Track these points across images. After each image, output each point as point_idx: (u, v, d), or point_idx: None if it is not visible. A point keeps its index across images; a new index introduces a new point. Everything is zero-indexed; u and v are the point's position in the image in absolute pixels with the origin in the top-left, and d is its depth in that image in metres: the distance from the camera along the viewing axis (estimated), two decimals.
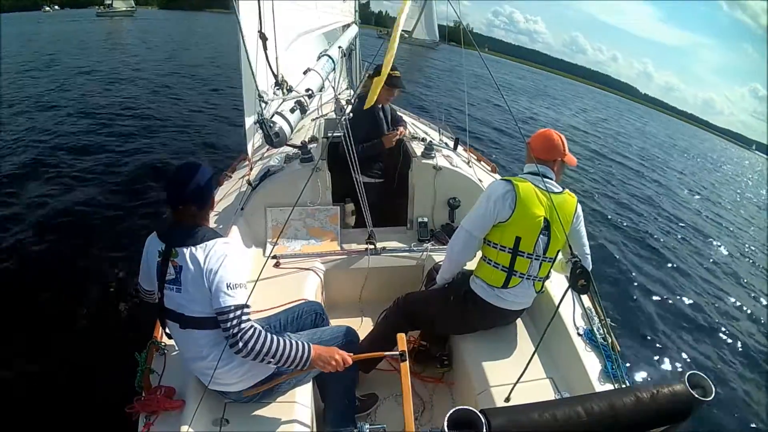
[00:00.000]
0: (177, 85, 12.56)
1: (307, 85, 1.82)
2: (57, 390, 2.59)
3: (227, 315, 1.24)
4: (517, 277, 1.75)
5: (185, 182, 1.33)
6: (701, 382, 0.91)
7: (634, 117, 42.71)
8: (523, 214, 1.67)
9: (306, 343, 1.37)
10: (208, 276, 1.26)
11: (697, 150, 33.47)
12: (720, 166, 25.73)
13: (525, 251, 1.72)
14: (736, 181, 20.98)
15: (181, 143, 7.61)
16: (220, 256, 1.28)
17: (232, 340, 1.25)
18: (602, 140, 17.38)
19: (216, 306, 1.25)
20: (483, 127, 12.26)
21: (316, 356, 1.36)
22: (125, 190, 5.45)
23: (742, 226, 10.49)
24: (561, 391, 1.69)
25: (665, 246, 7.05)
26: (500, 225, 1.71)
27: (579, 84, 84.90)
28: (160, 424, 1.34)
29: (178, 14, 57.91)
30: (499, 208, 1.69)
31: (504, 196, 1.68)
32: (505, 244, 1.72)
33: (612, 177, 11.05)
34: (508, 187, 1.70)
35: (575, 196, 1.81)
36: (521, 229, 1.69)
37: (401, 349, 1.34)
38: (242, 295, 1.28)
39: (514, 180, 1.72)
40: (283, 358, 1.31)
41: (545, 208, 1.68)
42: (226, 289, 1.25)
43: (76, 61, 14.97)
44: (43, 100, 9.32)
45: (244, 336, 1.24)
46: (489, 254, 1.79)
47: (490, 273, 1.78)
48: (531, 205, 1.67)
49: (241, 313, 1.26)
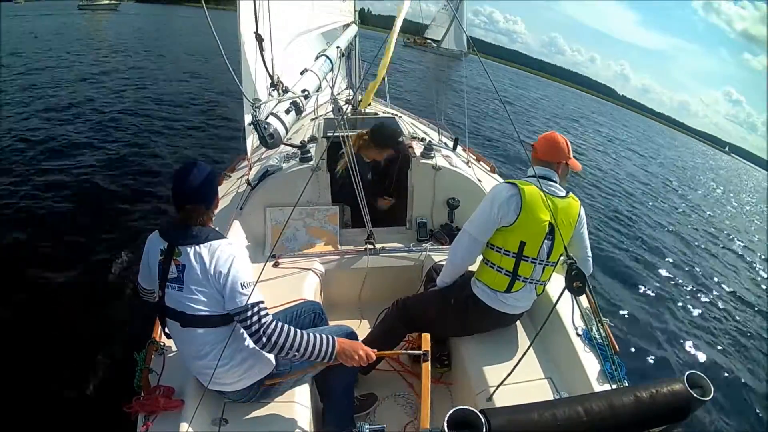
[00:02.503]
0: (175, 84, 12.53)
1: (304, 85, 1.81)
2: (56, 390, 2.58)
3: (246, 313, 1.26)
4: (521, 281, 1.74)
5: (194, 181, 1.33)
6: (700, 382, 0.91)
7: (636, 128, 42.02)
8: (528, 218, 1.65)
9: (331, 336, 1.38)
10: (218, 278, 1.26)
11: (678, 152, 33.48)
12: (707, 170, 25.77)
13: (529, 256, 1.70)
14: (731, 183, 21.03)
15: (181, 144, 7.60)
16: (228, 257, 1.28)
17: (255, 336, 1.27)
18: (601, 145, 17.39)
19: (233, 306, 1.26)
20: (482, 127, 12.27)
21: (341, 350, 1.37)
22: (125, 190, 5.44)
23: (742, 226, 10.52)
24: (560, 391, 1.69)
25: (665, 246, 7.06)
26: (504, 229, 1.69)
27: (566, 87, 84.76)
28: (159, 423, 1.34)
29: (158, 8, 55.15)
30: (503, 212, 1.66)
31: (509, 201, 1.66)
32: (509, 248, 1.70)
33: (612, 176, 11.07)
34: (513, 191, 1.67)
35: (579, 200, 1.80)
36: (526, 234, 1.67)
37: (425, 348, 1.35)
38: (256, 293, 1.29)
39: (519, 183, 1.69)
40: (308, 350, 1.32)
41: (550, 212, 1.65)
42: (241, 288, 1.26)
43: (69, 57, 14.80)
44: (39, 101, 9.27)
45: (266, 330, 1.26)
46: (492, 258, 1.76)
47: (493, 277, 1.77)
48: (536, 209, 1.65)
49: (259, 309, 1.28)
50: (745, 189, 23.95)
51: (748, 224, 11.51)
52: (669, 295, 5.34)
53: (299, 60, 2.26)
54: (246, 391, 1.45)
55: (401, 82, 16.98)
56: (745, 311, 5.54)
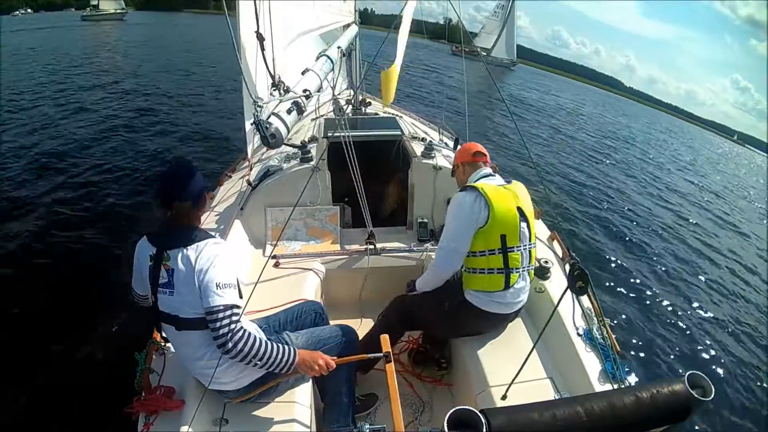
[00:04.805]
0: (177, 87, 12.55)
1: (305, 85, 1.82)
2: (57, 390, 2.59)
3: (216, 315, 1.24)
4: (515, 272, 1.77)
5: (179, 179, 1.33)
6: (701, 382, 0.91)
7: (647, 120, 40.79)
8: (500, 211, 1.71)
9: (291, 348, 1.38)
10: (198, 276, 1.25)
11: (687, 143, 33.02)
12: (716, 166, 25.56)
13: (513, 245, 1.75)
14: (735, 179, 20.91)
15: (181, 143, 7.61)
16: (211, 256, 1.27)
17: (221, 340, 1.24)
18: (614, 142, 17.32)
19: (205, 305, 1.25)
20: (483, 127, 12.25)
21: (301, 360, 1.37)
22: (127, 191, 5.45)
23: (742, 227, 10.49)
24: (561, 391, 1.68)
25: (664, 246, 7.05)
26: (481, 230, 1.73)
27: (576, 82, 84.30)
28: (159, 424, 1.34)
29: (160, 16, 52.25)
30: (476, 214, 1.71)
31: (476, 202, 1.72)
32: (492, 247, 1.74)
33: (611, 177, 11.05)
34: (474, 193, 1.74)
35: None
36: (504, 226, 1.72)
37: (385, 350, 1.35)
38: (232, 295, 1.27)
39: (473, 185, 1.77)
40: (269, 361, 1.32)
41: (512, 198, 1.76)
42: (215, 288, 1.24)
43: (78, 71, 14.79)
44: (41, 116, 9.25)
45: (233, 337, 1.24)
46: (479, 264, 1.77)
47: (487, 281, 1.77)
48: (502, 200, 1.73)
49: (231, 314, 1.25)
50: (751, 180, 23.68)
51: (752, 222, 11.47)
52: (670, 294, 5.32)
53: (300, 60, 2.26)
54: (245, 390, 1.45)
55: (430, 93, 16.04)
56: (747, 311, 5.52)
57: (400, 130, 2.91)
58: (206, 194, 1.45)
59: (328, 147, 2.48)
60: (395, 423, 1.18)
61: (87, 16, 39.00)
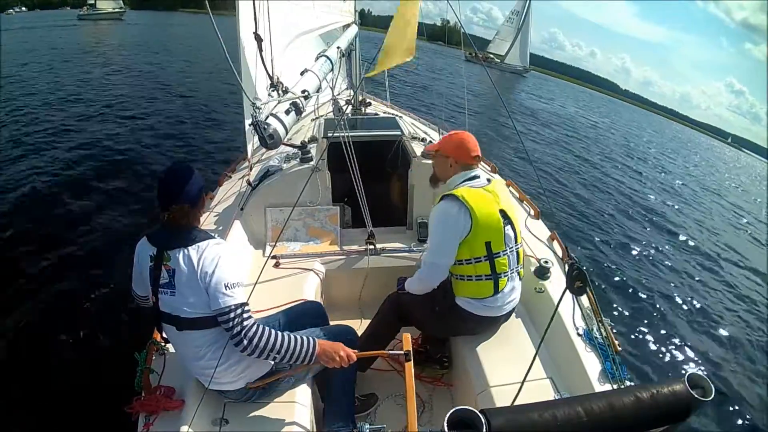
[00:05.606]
0: (177, 86, 12.55)
1: (304, 86, 1.81)
2: (57, 390, 2.59)
3: (229, 315, 1.25)
4: (503, 277, 1.75)
5: (177, 181, 1.33)
6: (701, 382, 0.90)
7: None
8: (482, 218, 1.67)
9: (311, 339, 1.38)
10: (203, 278, 1.26)
11: (686, 147, 32.88)
12: (714, 167, 25.55)
13: (499, 250, 1.72)
14: (733, 180, 20.90)
15: (181, 143, 7.62)
16: (214, 257, 1.28)
17: (236, 338, 1.26)
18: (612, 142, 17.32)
19: (216, 307, 1.26)
20: (483, 127, 12.25)
21: (321, 351, 1.37)
22: (128, 192, 5.45)
23: (743, 227, 10.50)
24: (560, 391, 1.68)
25: (665, 246, 7.05)
26: (465, 240, 1.69)
27: (572, 84, 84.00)
28: (159, 424, 1.34)
29: (157, 15, 52.01)
30: (460, 226, 1.67)
31: (459, 213, 1.67)
32: (478, 254, 1.71)
33: (610, 177, 11.06)
34: (456, 203, 1.68)
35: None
36: (488, 233, 1.69)
37: (406, 348, 1.34)
38: (241, 294, 1.29)
39: (455, 193, 1.70)
40: (288, 353, 1.32)
41: (494, 201, 1.71)
42: (224, 289, 1.25)
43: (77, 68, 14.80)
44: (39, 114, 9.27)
45: (248, 333, 1.26)
46: (466, 272, 1.76)
47: (475, 288, 1.76)
48: (483, 206, 1.68)
49: (242, 311, 1.27)
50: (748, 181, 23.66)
51: (752, 222, 11.48)
52: (670, 294, 5.33)
53: (299, 60, 2.25)
54: (245, 390, 1.45)
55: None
56: (748, 312, 5.52)
57: (399, 130, 2.91)
58: (204, 194, 1.45)
59: (327, 147, 2.48)
60: (409, 423, 1.18)
61: (84, 15, 37.87)
